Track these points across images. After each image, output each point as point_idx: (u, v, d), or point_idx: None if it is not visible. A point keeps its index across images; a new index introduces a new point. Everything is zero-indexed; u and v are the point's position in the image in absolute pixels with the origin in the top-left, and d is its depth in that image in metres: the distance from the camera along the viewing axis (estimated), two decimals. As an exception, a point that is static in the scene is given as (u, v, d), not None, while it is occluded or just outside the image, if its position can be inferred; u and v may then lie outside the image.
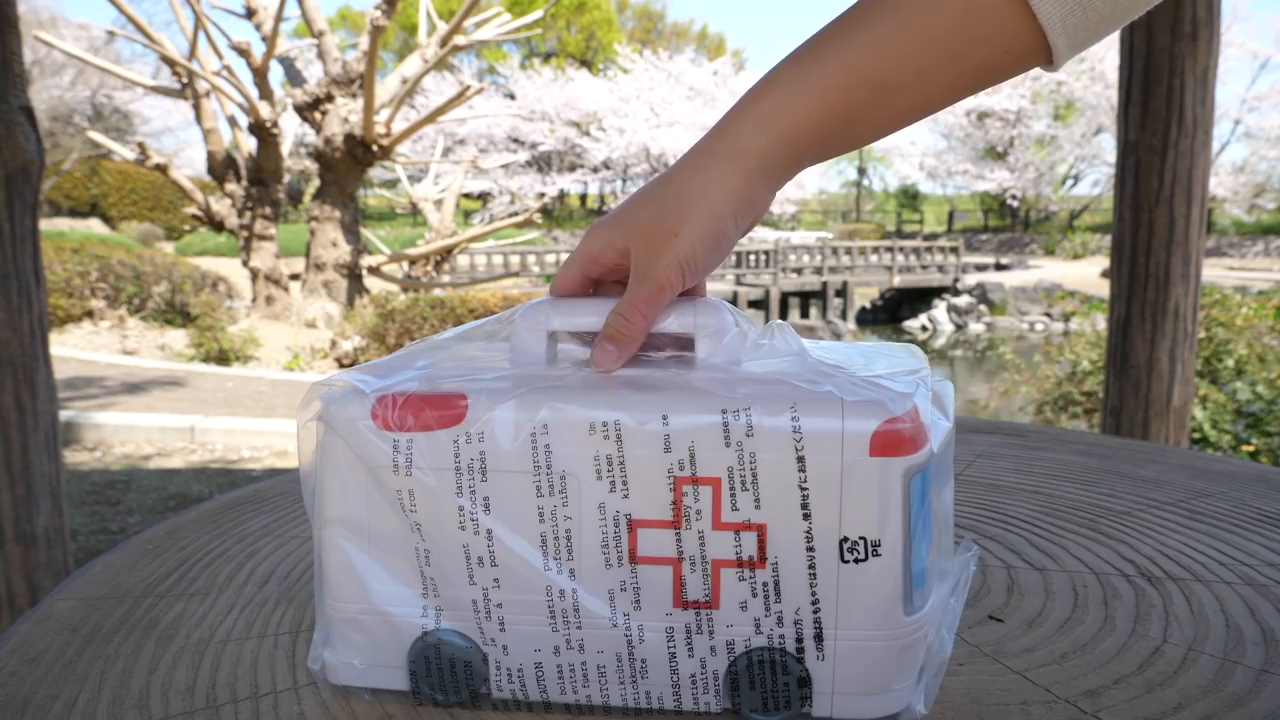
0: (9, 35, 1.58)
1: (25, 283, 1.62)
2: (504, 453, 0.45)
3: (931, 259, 19.25)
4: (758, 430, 0.44)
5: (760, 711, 0.47)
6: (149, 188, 21.44)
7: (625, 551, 0.45)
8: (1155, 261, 2.05)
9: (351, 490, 0.47)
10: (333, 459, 0.47)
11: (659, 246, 0.49)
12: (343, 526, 0.48)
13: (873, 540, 0.45)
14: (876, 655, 0.46)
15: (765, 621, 0.46)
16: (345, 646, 0.48)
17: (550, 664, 0.46)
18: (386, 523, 0.47)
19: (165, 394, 5.78)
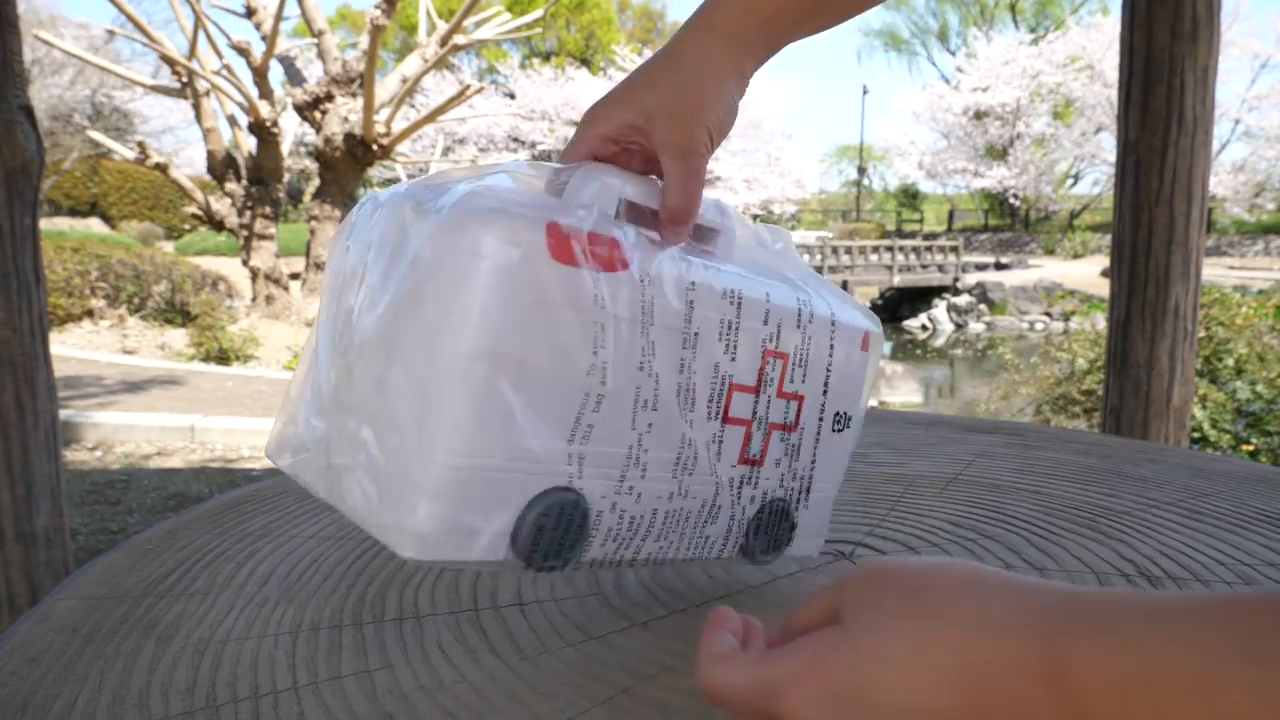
0: (9, 34, 1.58)
1: (25, 282, 1.62)
2: (668, 305, 0.47)
3: (931, 258, 19.25)
4: (815, 319, 0.54)
5: (765, 553, 0.57)
6: (149, 187, 21.43)
7: (721, 409, 0.51)
8: (1155, 261, 2.05)
9: (509, 323, 0.42)
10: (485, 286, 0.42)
11: (689, 121, 0.52)
12: (493, 364, 0.42)
13: (849, 415, 0.58)
14: (826, 506, 0.60)
15: (786, 477, 0.55)
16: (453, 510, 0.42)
17: (661, 513, 0.50)
18: (548, 362, 0.43)
19: (165, 393, 5.78)
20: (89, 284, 8.36)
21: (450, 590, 0.60)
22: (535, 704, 0.47)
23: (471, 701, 0.47)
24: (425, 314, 0.43)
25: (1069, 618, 0.30)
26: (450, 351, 0.42)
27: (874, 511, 0.74)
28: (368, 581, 0.62)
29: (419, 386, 0.43)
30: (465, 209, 0.43)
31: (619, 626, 0.55)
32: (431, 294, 0.43)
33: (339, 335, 0.48)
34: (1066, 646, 0.29)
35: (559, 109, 25.47)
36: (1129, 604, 0.29)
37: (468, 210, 0.43)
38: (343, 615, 0.57)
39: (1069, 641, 0.29)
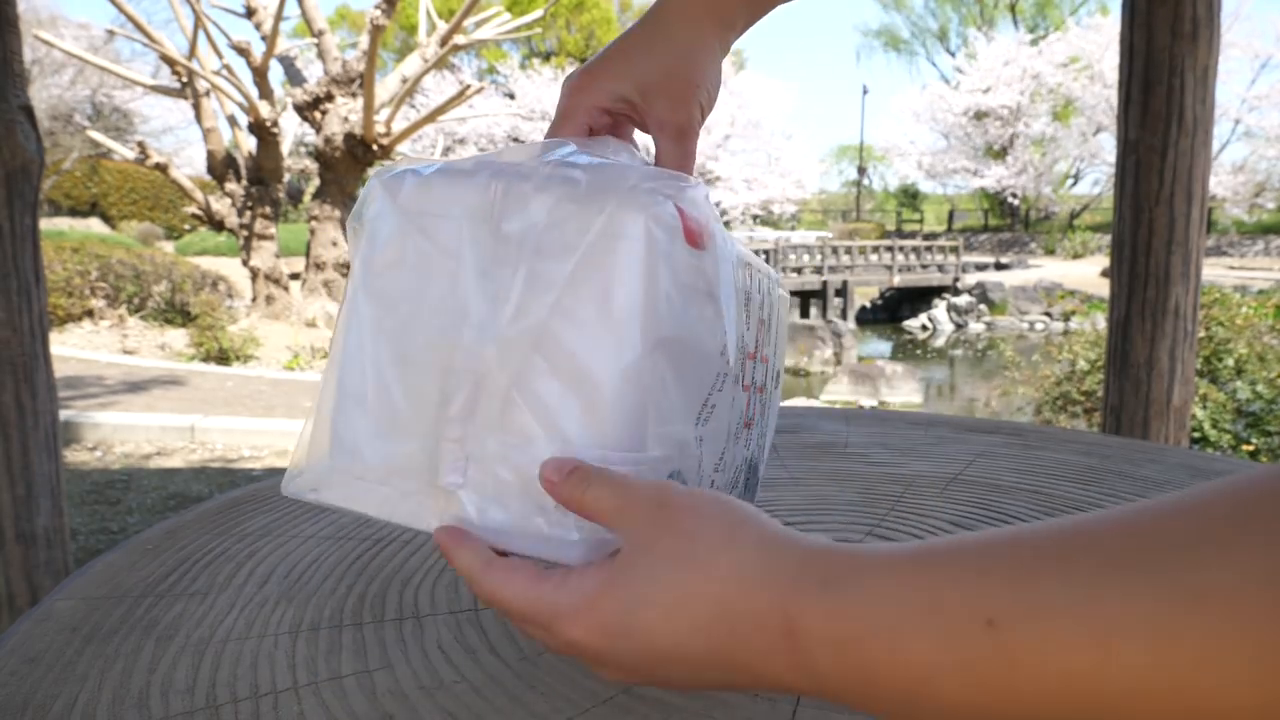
0: (9, 34, 1.58)
1: (25, 282, 1.62)
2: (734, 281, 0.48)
3: (931, 258, 19.25)
4: (779, 291, 0.58)
5: None
6: (149, 187, 21.44)
7: (744, 377, 0.52)
8: (1155, 261, 2.05)
9: (668, 310, 0.41)
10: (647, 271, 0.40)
11: (684, 98, 0.53)
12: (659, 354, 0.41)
13: (780, 372, 0.61)
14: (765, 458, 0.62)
15: (759, 437, 0.58)
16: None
17: (722, 485, 0.51)
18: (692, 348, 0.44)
19: (165, 393, 5.78)
20: (89, 284, 8.36)
21: (450, 590, 0.60)
22: (535, 704, 0.47)
23: (471, 701, 0.47)
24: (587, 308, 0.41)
25: (802, 578, 0.33)
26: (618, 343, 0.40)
27: (874, 511, 0.74)
28: (368, 581, 0.62)
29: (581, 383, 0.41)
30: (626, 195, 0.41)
31: (619, 626, 0.55)
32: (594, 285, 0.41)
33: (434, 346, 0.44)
34: (798, 605, 0.33)
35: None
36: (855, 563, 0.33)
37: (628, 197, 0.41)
38: (343, 615, 0.57)
39: (799, 600, 0.33)
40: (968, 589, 0.29)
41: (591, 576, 0.38)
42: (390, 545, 0.68)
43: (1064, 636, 0.27)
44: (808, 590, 0.33)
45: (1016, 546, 0.30)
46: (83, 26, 18.27)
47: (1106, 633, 0.26)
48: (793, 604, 0.33)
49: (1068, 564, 0.28)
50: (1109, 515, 0.29)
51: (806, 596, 0.33)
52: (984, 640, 0.28)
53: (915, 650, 0.30)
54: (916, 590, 0.30)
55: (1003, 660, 0.28)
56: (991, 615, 0.28)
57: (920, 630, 0.30)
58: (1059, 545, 0.29)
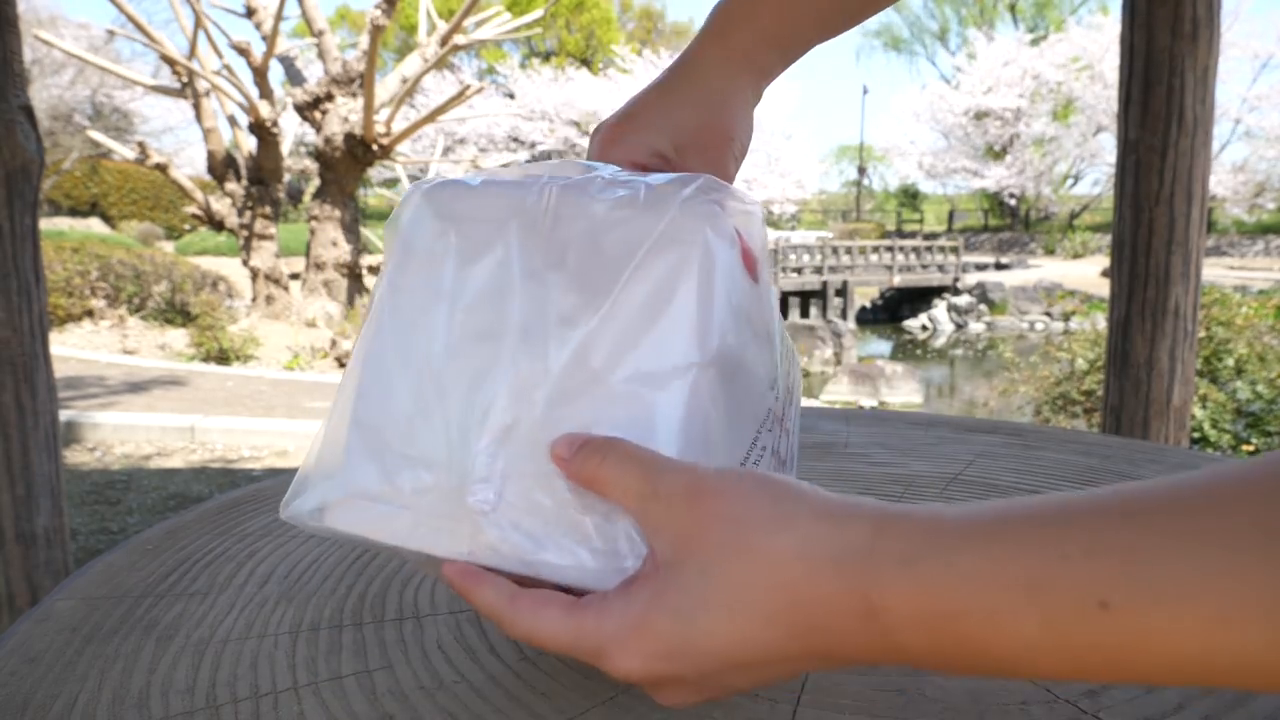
0: (9, 34, 1.58)
1: (25, 282, 1.62)
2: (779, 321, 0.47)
3: (931, 258, 19.26)
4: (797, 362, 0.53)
5: None
6: (149, 187, 21.45)
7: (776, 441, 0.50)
8: (1155, 261, 2.05)
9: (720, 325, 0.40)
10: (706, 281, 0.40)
11: (718, 151, 0.52)
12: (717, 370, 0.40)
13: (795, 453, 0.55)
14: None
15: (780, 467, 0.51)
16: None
17: None
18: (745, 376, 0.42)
19: (165, 393, 5.78)
20: (89, 284, 8.36)
21: (450, 590, 0.60)
22: (535, 704, 0.47)
23: (471, 701, 0.47)
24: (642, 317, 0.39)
25: (877, 554, 0.31)
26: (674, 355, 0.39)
27: (874, 511, 0.74)
28: (368, 581, 0.62)
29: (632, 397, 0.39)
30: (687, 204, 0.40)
31: (619, 626, 0.55)
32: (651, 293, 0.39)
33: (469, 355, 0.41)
34: (878, 586, 0.31)
35: (559, 109, 25.49)
36: (932, 536, 0.31)
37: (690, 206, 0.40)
38: (343, 615, 0.57)
39: (879, 581, 0.31)
40: (1075, 570, 0.28)
41: (635, 595, 0.35)
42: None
43: (1181, 620, 0.27)
44: (886, 569, 0.31)
45: (1123, 524, 0.29)
46: (83, 26, 18.27)
47: (1225, 611, 0.26)
48: (872, 586, 0.31)
49: (1182, 538, 0.27)
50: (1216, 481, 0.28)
51: (886, 576, 0.31)
52: (1095, 623, 0.28)
53: (1017, 632, 0.29)
54: (1014, 569, 0.29)
55: (1114, 642, 0.28)
56: (1105, 598, 0.27)
57: (1023, 612, 0.29)
58: (1170, 521, 0.28)
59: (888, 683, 0.47)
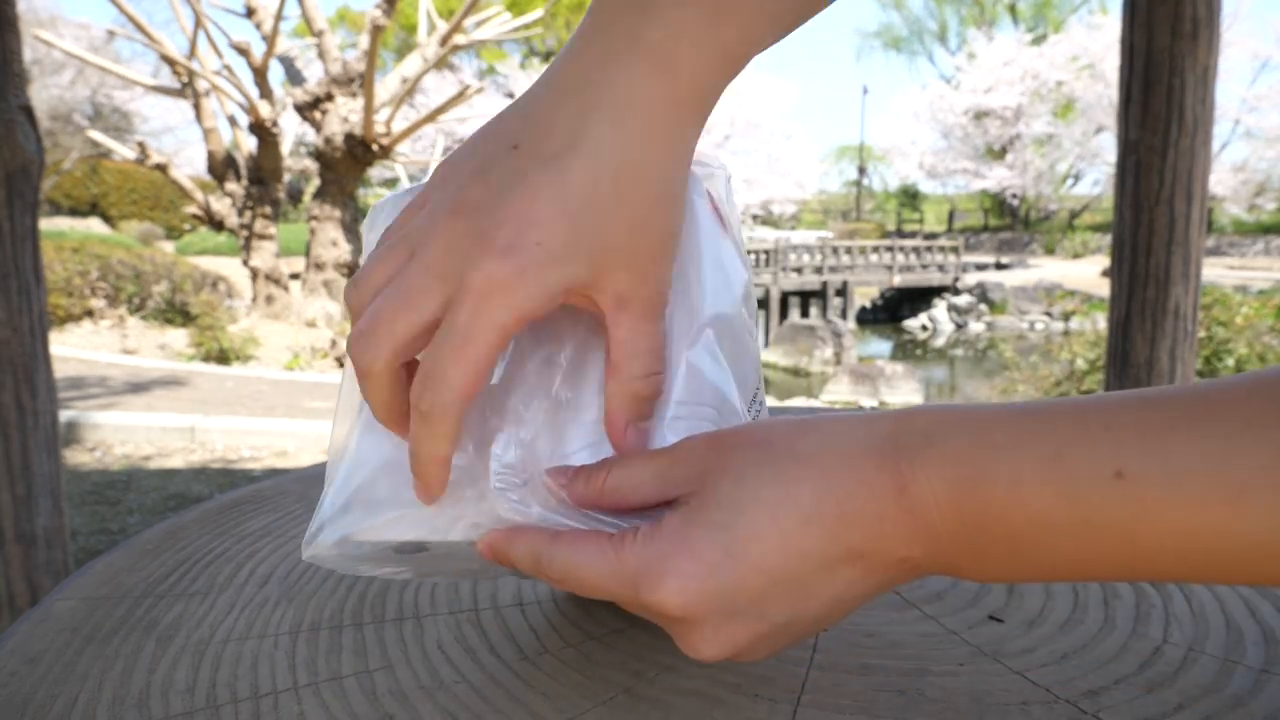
0: (9, 34, 1.58)
1: (25, 282, 1.62)
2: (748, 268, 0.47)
3: (931, 258, 19.26)
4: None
5: None
6: (149, 187, 21.44)
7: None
8: (1155, 261, 2.05)
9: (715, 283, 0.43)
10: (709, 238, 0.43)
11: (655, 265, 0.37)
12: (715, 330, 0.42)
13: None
14: None
15: None
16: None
17: None
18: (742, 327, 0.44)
19: (165, 394, 5.78)
20: (89, 284, 8.36)
21: (450, 590, 0.60)
22: (535, 704, 0.47)
23: (471, 701, 0.47)
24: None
25: (904, 435, 0.32)
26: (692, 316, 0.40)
27: (874, 511, 0.74)
28: (368, 581, 0.62)
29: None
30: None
31: (619, 627, 0.54)
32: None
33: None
34: (907, 462, 0.31)
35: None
36: (956, 419, 0.32)
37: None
38: (343, 615, 0.57)
39: (908, 457, 0.31)
40: (1095, 442, 0.29)
41: (670, 520, 0.34)
42: (390, 545, 0.68)
43: (1195, 492, 0.27)
44: (914, 445, 0.32)
45: (1142, 406, 0.29)
46: (83, 26, 18.27)
47: (1239, 490, 0.27)
48: (902, 459, 0.31)
49: (1199, 422, 0.28)
50: (1231, 380, 0.29)
51: (915, 450, 0.31)
52: (1111, 493, 0.28)
53: (1036, 498, 0.29)
54: (1037, 441, 0.30)
55: (1129, 513, 0.28)
56: (1121, 468, 0.28)
57: (1043, 480, 0.29)
58: (1187, 405, 0.29)
59: (888, 683, 0.47)
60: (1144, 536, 0.28)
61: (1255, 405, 0.27)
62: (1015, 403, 0.32)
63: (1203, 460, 0.27)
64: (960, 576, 0.33)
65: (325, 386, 6.31)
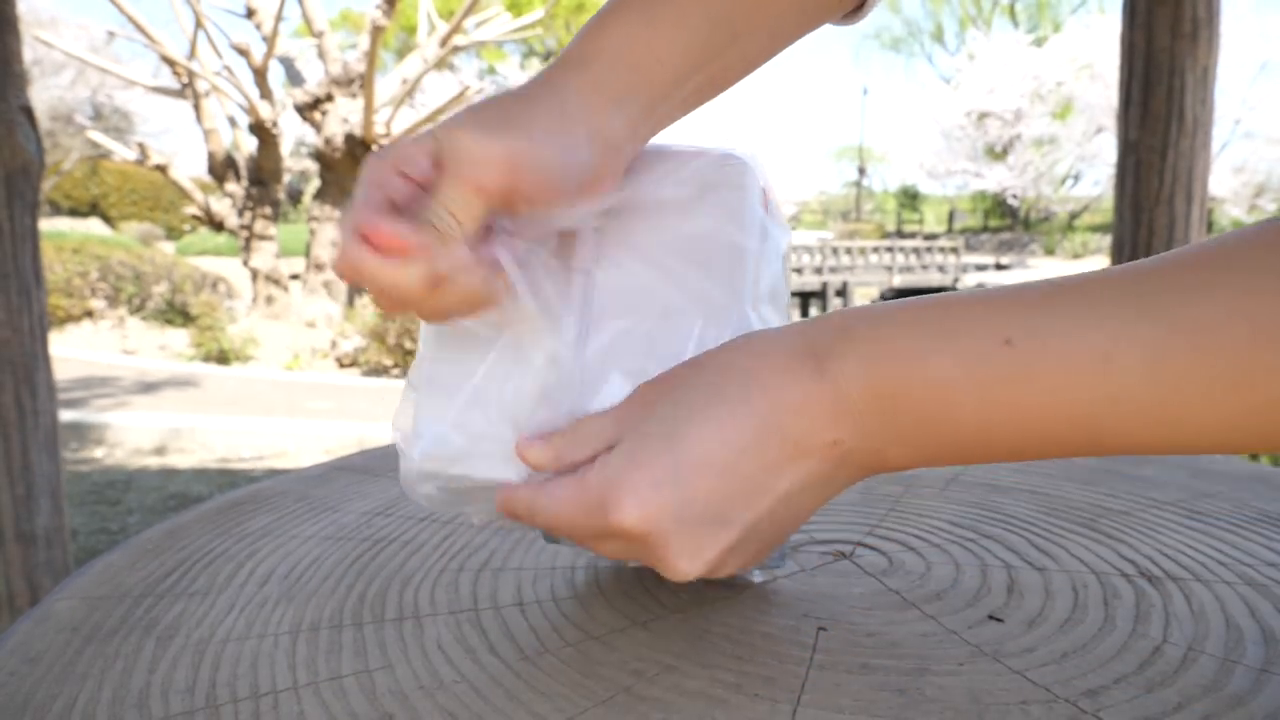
0: (9, 35, 1.58)
1: (25, 283, 1.62)
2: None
3: (931, 259, 19.26)
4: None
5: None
6: (149, 188, 21.43)
7: None
8: (1155, 261, 2.06)
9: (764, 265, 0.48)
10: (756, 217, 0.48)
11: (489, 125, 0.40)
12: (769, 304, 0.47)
13: None
14: None
15: None
16: None
17: None
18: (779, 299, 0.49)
19: (165, 394, 5.78)
20: (89, 284, 8.36)
21: (450, 590, 0.60)
22: (535, 704, 0.47)
23: (471, 701, 0.47)
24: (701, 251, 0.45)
25: (821, 330, 0.36)
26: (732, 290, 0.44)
27: (874, 511, 0.74)
28: (368, 581, 0.62)
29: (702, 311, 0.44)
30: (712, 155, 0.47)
31: (619, 626, 0.54)
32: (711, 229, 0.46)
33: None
34: (825, 348, 0.35)
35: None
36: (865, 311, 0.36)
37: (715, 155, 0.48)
38: (343, 615, 0.57)
39: (825, 344, 0.35)
40: (987, 316, 0.33)
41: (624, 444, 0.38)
42: (390, 545, 0.68)
43: (1072, 353, 0.31)
44: (829, 334, 0.36)
45: (1030, 286, 0.33)
46: (83, 27, 18.26)
47: (1108, 351, 0.30)
48: (819, 346, 0.35)
49: (1077, 296, 0.32)
50: (1118, 267, 0.33)
51: (830, 338, 0.35)
52: (1001, 358, 0.32)
53: (937, 368, 0.33)
54: (936, 318, 0.34)
55: (1018, 374, 0.32)
56: (1009, 336, 0.32)
57: (942, 351, 0.33)
58: (1069, 284, 0.32)
59: (888, 683, 0.47)
60: (1032, 400, 0.32)
61: (1127, 277, 0.31)
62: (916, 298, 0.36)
63: (1074, 325, 0.31)
64: (885, 466, 0.36)
65: (325, 386, 6.31)
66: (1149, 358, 0.30)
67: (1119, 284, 0.31)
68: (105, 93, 18.72)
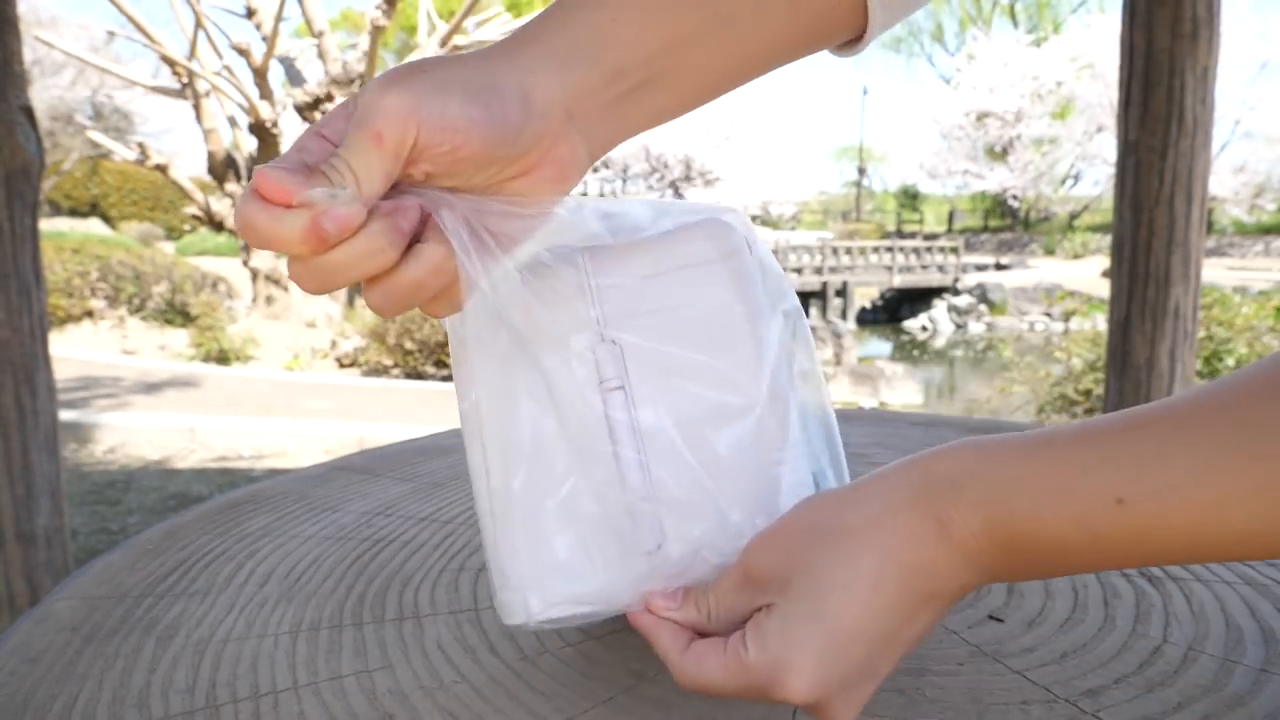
0: (9, 35, 1.58)
1: (25, 283, 1.62)
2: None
3: (931, 259, 19.25)
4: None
5: None
6: (149, 188, 21.42)
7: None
8: (1155, 261, 2.05)
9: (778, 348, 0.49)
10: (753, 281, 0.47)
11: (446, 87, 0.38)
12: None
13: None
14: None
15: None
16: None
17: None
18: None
19: (166, 394, 5.78)
20: (89, 284, 8.36)
21: (450, 590, 0.60)
22: (535, 704, 0.47)
23: (471, 701, 0.47)
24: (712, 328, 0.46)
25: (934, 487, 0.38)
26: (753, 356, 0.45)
27: (874, 511, 0.74)
28: (368, 581, 0.62)
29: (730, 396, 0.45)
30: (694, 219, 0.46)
31: (619, 627, 0.54)
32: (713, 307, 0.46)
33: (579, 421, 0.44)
34: (943, 510, 0.37)
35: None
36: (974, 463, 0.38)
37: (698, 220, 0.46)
38: (343, 615, 0.57)
39: (941, 506, 0.37)
40: (1095, 475, 0.35)
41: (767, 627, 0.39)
42: (390, 545, 0.68)
43: (1185, 510, 0.33)
44: (945, 494, 0.37)
45: (1130, 432, 0.35)
46: (83, 27, 18.24)
47: (1223, 502, 0.33)
48: (937, 508, 0.37)
49: (1182, 448, 0.33)
50: (1207, 393, 0.35)
51: (946, 499, 0.37)
52: (1114, 517, 0.34)
53: (1053, 527, 0.35)
54: (1046, 477, 0.36)
55: (1131, 532, 0.34)
56: (1121, 495, 0.34)
57: (1059, 514, 0.35)
58: (1170, 429, 0.34)
59: (888, 683, 0.47)
60: (1146, 545, 0.35)
61: (1226, 425, 0.33)
62: (1021, 434, 0.38)
63: (1186, 478, 0.33)
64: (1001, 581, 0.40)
65: (325, 387, 6.31)
66: (1268, 503, 0.32)
67: (1222, 421, 0.33)
68: (105, 93, 18.71)
